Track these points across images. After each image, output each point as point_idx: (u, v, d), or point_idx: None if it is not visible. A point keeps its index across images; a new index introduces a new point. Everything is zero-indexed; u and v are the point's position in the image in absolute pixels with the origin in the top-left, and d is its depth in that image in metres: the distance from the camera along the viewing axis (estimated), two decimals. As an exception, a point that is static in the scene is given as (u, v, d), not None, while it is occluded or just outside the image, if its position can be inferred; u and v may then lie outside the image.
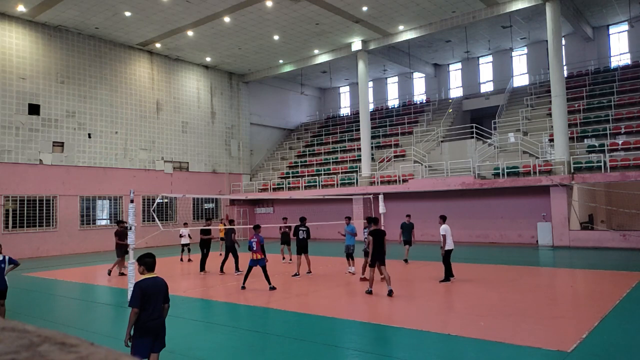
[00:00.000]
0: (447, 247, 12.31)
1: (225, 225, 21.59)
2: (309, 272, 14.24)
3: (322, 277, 13.86)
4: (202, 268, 15.61)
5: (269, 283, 11.83)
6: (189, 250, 19.65)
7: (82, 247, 24.12)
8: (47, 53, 24.15)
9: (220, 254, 20.26)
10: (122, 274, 14.97)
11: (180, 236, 19.74)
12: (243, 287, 11.97)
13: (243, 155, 34.15)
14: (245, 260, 13.19)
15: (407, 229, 16.44)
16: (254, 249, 11.92)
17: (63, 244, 23.90)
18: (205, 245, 15.97)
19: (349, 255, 14.30)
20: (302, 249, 14.20)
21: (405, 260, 16.16)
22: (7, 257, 8.68)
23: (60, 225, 24.01)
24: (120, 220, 16.87)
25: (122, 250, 14.84)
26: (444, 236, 12.33)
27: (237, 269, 14.95)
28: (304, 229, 14.39)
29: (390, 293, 10.54)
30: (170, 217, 28.72)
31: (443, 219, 12.86)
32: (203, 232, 16.33)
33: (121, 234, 14.91)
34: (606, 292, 10.60)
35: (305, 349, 7.18)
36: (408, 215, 17.03)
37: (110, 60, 26.82)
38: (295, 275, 13.92)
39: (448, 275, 12.37)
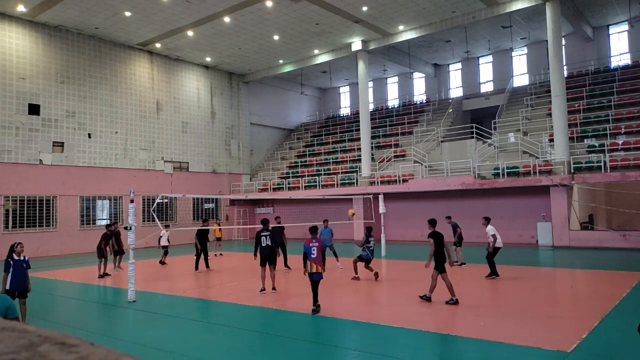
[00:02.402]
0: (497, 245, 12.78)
1: (219, 225, 21.89)
2: (274, 288, 11.63)
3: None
4: (207, 265, 16.43)
5: (316, 301, 9.29)
6: (166, 253, 18.45)
7: (82, 247, 24.09)
8: (47, 53, 24.15)
9: (215, 254, 20.41)
10: (106, 274, 15.42)
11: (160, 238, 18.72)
12: (316, 310, 9.19)
13: (243, 155, 34.15)
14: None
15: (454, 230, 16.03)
16: (314, 256, 9.21)
17: (63, 244, 23.91)
18: (203, 245, 16.45)
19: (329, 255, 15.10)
20: (267, 258, 11.56)
21: (461, 264, 15.32)
22: (26, 258, 8.85)
23: (60, 225, 24.01)
24: (108, 224, 17.13)
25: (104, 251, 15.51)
26: (494, 235, 12.70)
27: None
28: (266, 234, 11.63)
29: (453, 302, 9.62)
30: (170, 217, 28.70)
31: (487, 220, 13.22)
32: (201, 232, 16.64)
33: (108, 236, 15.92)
34: (606, 292, 10.59)
35: (305, 349, 7.18)
36: (448, 217, 16.46)
37: (110, 60, 26.82)
38: (262, 291, 11.56)
39: (493, 272, 12.76)
